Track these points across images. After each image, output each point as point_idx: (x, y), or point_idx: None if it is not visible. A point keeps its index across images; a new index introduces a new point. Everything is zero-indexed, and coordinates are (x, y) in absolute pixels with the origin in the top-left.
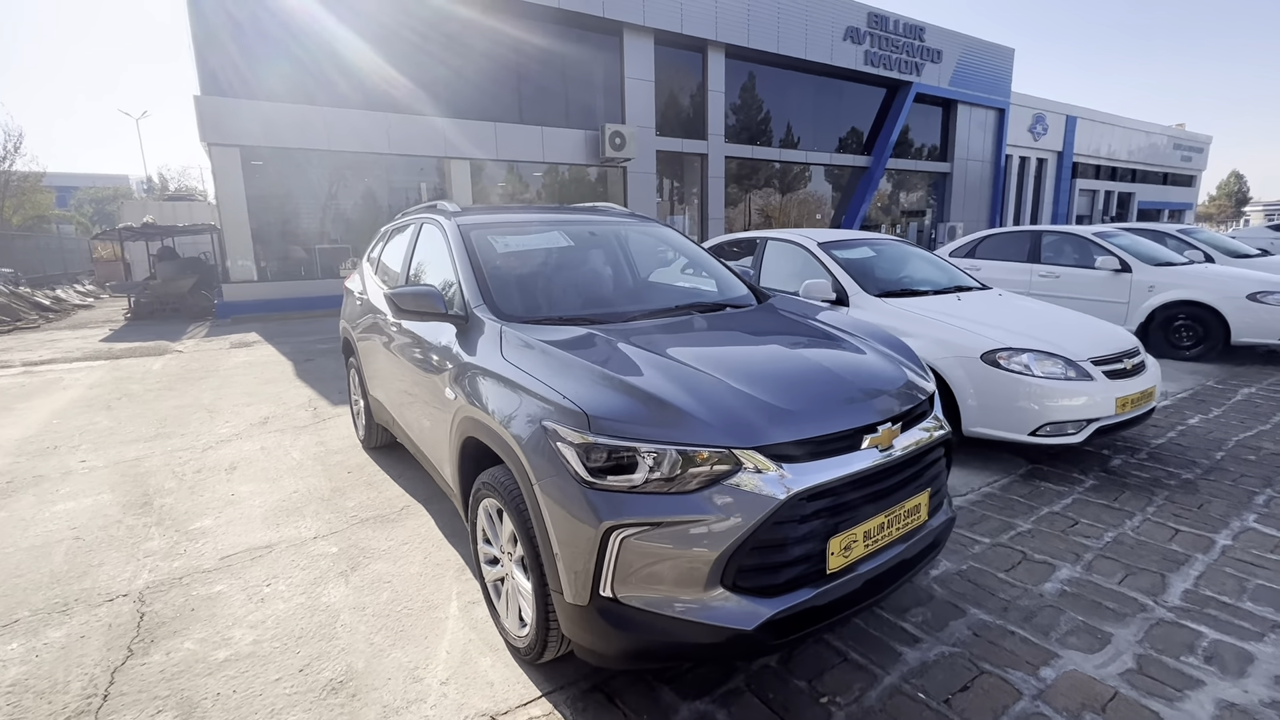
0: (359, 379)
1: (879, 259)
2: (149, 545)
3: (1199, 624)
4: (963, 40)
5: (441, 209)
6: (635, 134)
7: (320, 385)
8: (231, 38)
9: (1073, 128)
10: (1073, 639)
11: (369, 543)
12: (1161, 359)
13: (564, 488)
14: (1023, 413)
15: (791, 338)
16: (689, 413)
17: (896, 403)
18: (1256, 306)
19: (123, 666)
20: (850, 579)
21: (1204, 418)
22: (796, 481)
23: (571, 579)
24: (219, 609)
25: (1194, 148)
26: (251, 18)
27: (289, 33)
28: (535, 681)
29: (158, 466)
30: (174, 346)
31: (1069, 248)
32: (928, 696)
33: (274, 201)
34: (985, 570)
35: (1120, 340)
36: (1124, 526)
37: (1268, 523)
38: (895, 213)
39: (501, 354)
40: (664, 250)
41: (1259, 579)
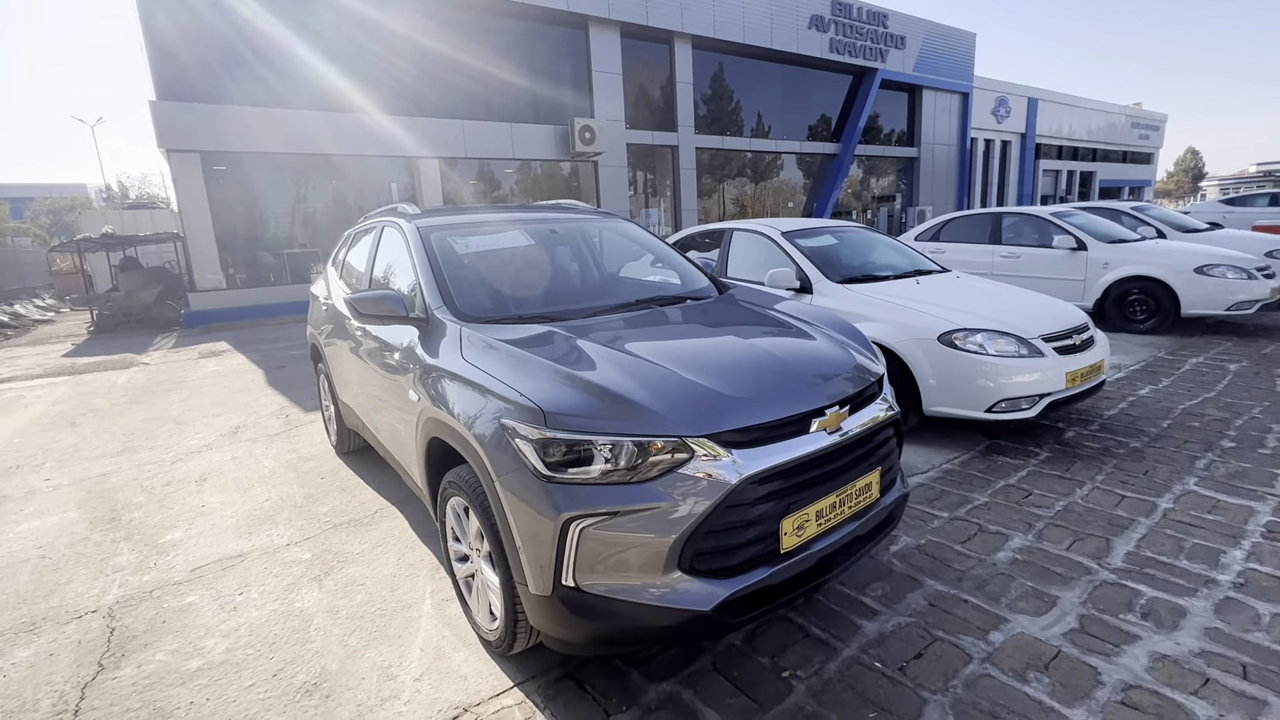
0: (328, 384)
1: (841, 246)
2: (118, 560)
3: (1138, 583)
4: (925, 26)
5: (402, 211)
6: (605, 128)
7: (292, 392)
8: (185, 41)
9: (1034, 109)
10: (1021, 604)
11: (342, 547)
12: (1117, 333)
13: (524, 483)
14: (979, 390)
15: (745, 328)
16: (642, 405)
17: (845, 386)
18: (1203, 279)
19: (93, 681)
20: (804, 557)
21: (1154, 388)
22: (747, 466)
23: (535, 571)
24: (191, 620)
25: (1151, 126)
26: (206, 20)
27: (246, 35)
28: (507, 673)
29: (125, 481)
30: (140, 359)
31: (1028, 228)
32: (884, 665)
33: (239, 207)
34: (943, 543)
35: (1070, 317)
36: (1074, 495)
37: (1206, 485)
38: (866, 198)
39: (462, 355)
40: (626, 245)
41: (1195, 538)
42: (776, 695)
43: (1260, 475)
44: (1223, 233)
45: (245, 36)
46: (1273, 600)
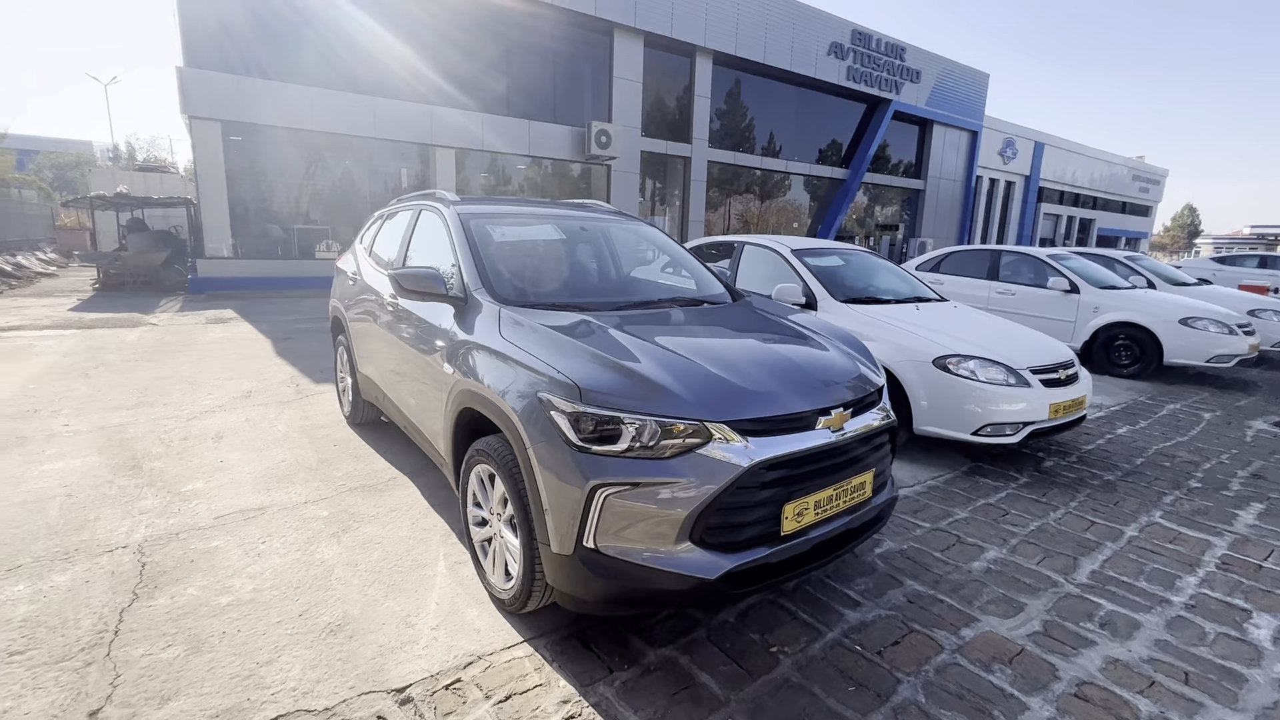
0: (348, 356)
1: (847, 268)
2: (143, 504)
3: (1099, 598)
4: (941, 63)
5: (440, 197)
6: (621, 133)
7: (301, 363)
8: (217, 12)
9: (1040, 154)
10: (992, 607)
11: (358, 509)
12: (1102, 375)
13: (555, 452)
14: (967, 414)
15: (762, 332)
16: (669, 389)
17: (849, 392)
18: (1187, 330)
19: (130, 608)
20: (801, 542)
21: (1131, 428)
22: (758, 453)
23: (559, 532)
24: (218, 561)
25: (1151, 179)
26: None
27: (276, 10)
28: (518, 629)
29: (143, 433)
30: (147, 319)
31: (1025, 267)
32: (863, 649)
33: (253, 178)
34: (924, 550)
35: (1057, 353)
36: (1048, 518)
37: (1170, 518)
38: (870, 225)
39: (500, 333)
40: (648, 248)
41: (1155, 564)
42: (765, 666)
43: (1221, 514)
44: (1210, 288)
45: (276, 12)
46: (1219, 622)
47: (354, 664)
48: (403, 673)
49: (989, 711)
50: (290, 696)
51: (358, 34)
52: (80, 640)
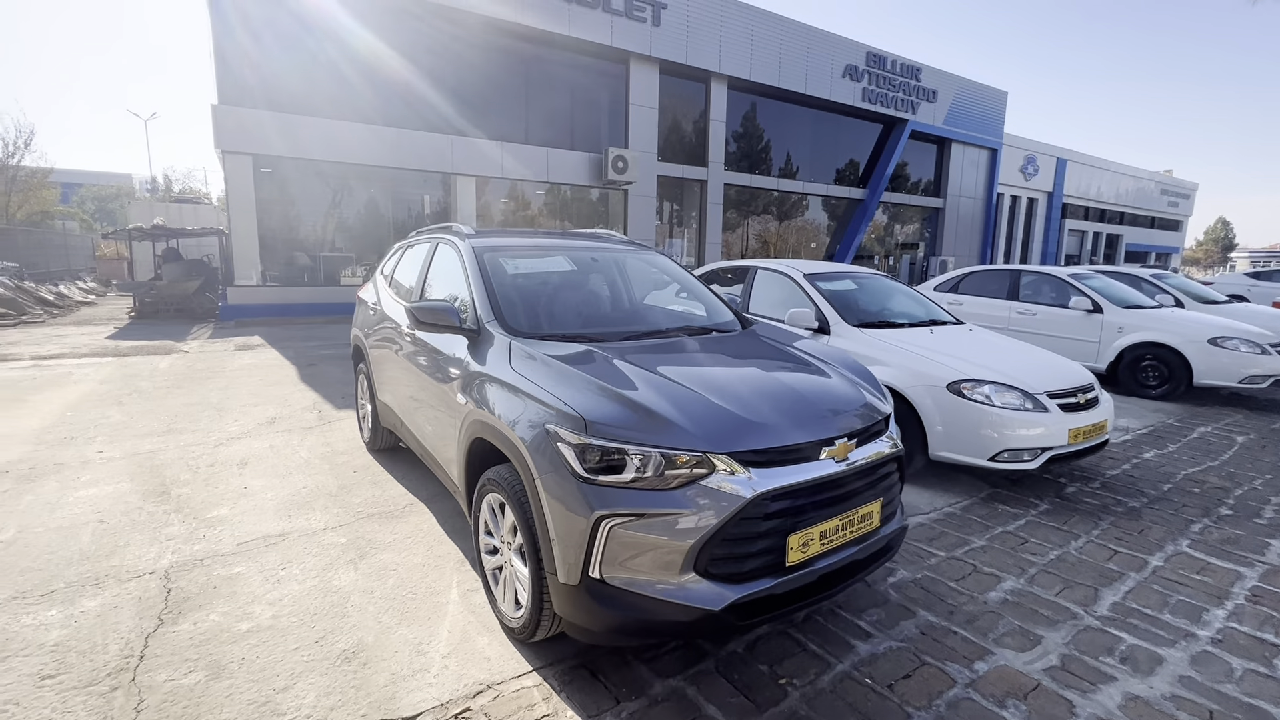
0: (368, 384)
1: (860, 292)
2: (170, 530)
3: (1121, 631)
4: (957, 82)
5: (456, 231)
6: (638, 158)
7: (325, 390)
8: (252, 50)
9: (1063, 169)
10: (1008, 639)
11: (375, 535)
12: (1129, 397)
13: (562, 483)
14: (984, 439)
15: (767, 361)
16: (673, 421)
17: (854, 421)
18: (1217, 350)
19: (155, 633)
20: (807, 573)
21: (1159, 452)
22: (761, 484)
23: (565, 562)
24: (239, 588)
25: (1181, 194)
26: (272, 32)
27: (307, 47)
28: (527, 658)
29: (172, 459)
30: (179, 346)
31: (1046, 287)
32: (874, 682)
33: (281, 208)
34: (938, 579)
35: (1077, 376)
36: (1069, 546)
37: (1198, 548)
38: (889, 244)
39: (510, 365)
40: (659, 276)
41: (1181, 595)
42: (773, 698)
43: (1252, 543)
44: (1242, 306)
45: (305, 50)
46: (1247, 657)
47: (367, 692)
48: (413, 701)
49: None
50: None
51: (381, 68)
52: (108, 665)
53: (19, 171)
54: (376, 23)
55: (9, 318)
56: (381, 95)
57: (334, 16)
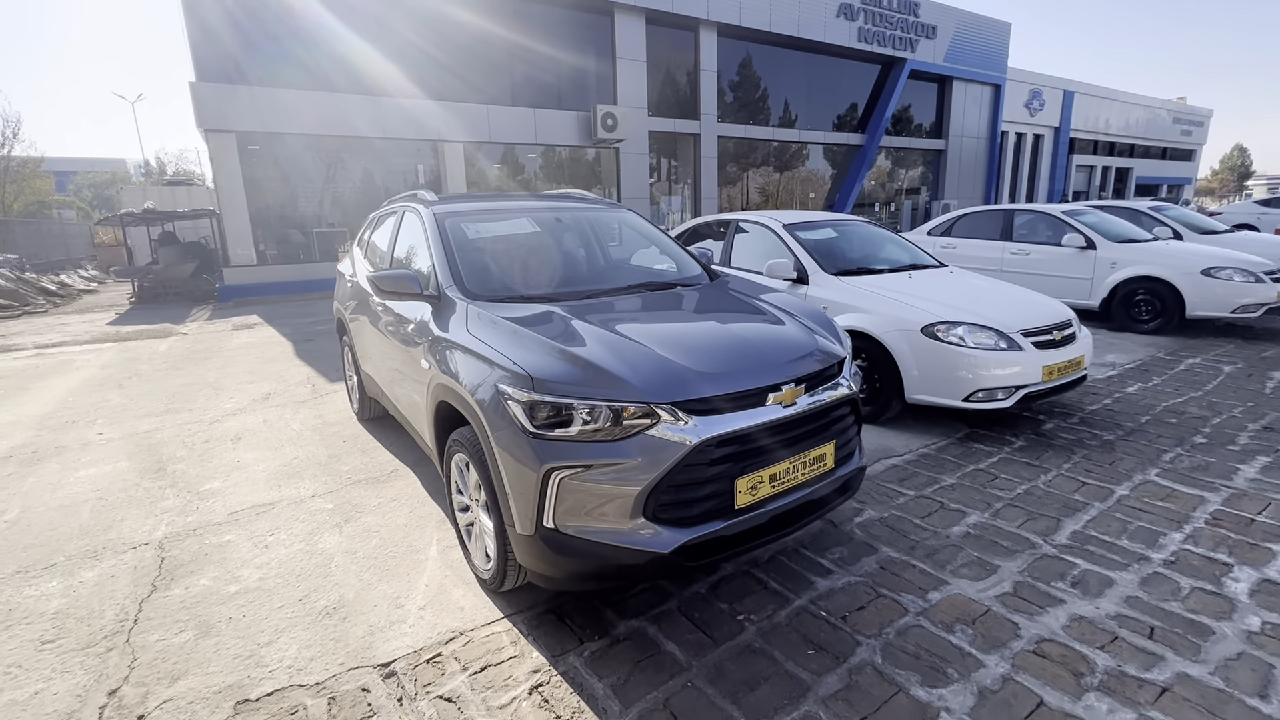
0: (352, 356)
1: (840, 240)
2: (165, 504)
3: (1076, 558)
4: (958, 15)
5: (421, 198)
6: (627, 115)
7: (319, 364)
8: (225, 24)
9: (1070, 103)
10: (965, 570)
11: (361, 500)
12: (1121, 333)
13: (513, 438)
14: (958, 380)
15: (725, 313)
16: (618, 375)
17: (804, 366)
18: (1210, 281)
19: (149, 599)
20: (757, 514)
21: (1143, 386)
22: (705, 430)
23: (521, 514)
24: (229, 554)
25: (1194, 121)
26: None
27: (281, 18)
28: (499, 607)
29: (169, 438)
30: (179, 329)
31: (1040, 225)
32: (828, 615)
33: (271, 186)
34: (904, 517)
35: (1053, 313)
36: (1037, 480)
37: (1167, 476)
38: (891, 190)
39: (467, 329)
40: (628, 234)
41: (1141, 521)
42: (730, 633)
43: (1221, 469)
44: (1243, 235)
45: (281, 20)
46: (1197, 577)
47: (345, 643)
48: (389, 649)
49: (944, 670)
50: (286, 673)
51: (359, 37)
52: (104, 629)
53: (10, 162)
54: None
55: (12, 309)
56: (363, 63)
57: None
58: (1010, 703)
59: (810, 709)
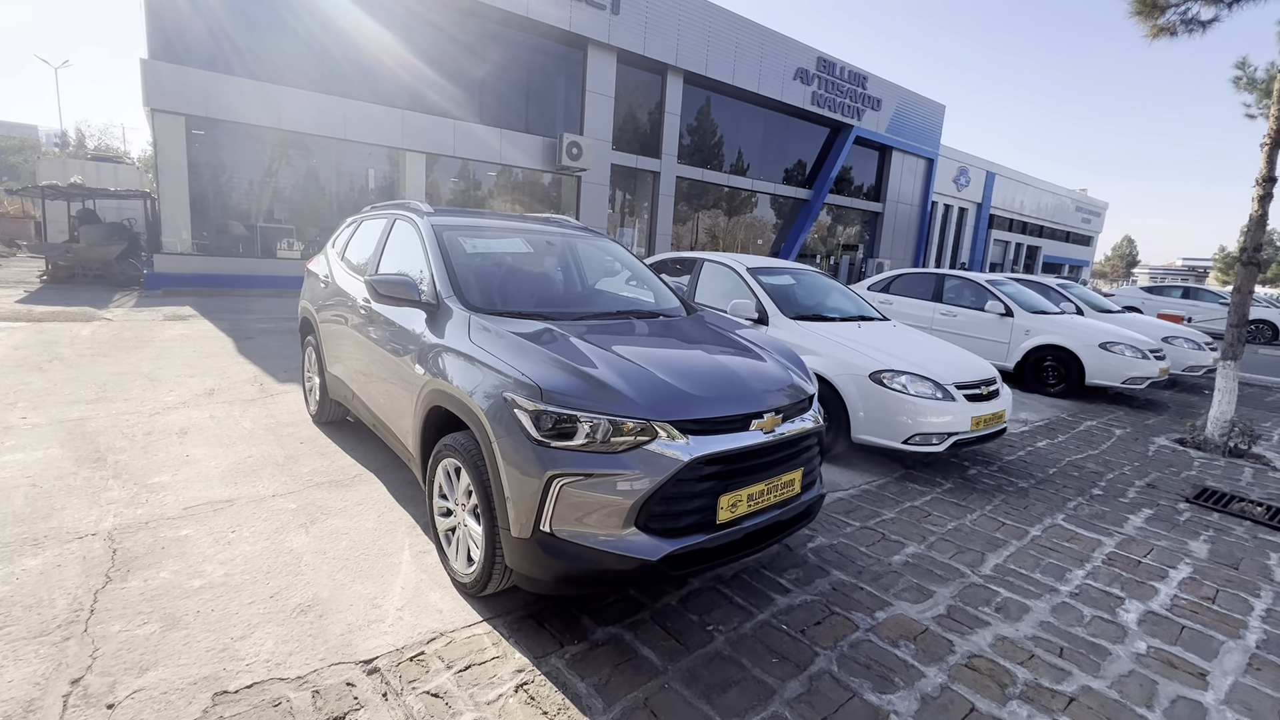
0: (317, 357)
1: (798, 287)
2: (110, 495)
3: (999, 587)
4: (900, 92)
5: (414, 208)
6: (592, 146)
7: (265, 363)
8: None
9: (991, 183)
10: (905, 594)
11: (325, 502)
12: (1032, 393)
13: (517, 446)
14: (899, 424)
15: (709, 344)
16: (621, 392)
17: (782, 398)
18: (1106, 354)
19: (104, 589)
20: (735, 530)
21: (1050, 442)
22: (697, 449)
23: (519, 517)
24: (188, 549)
25: (1093, 211)
26: None
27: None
28: (478, 610)
29: (105, 427)
30: (101, 314)
31: (966, 291)
32: (789, 628)
33: (215, 174)
34: (851, 545)
35: (981, 370)
36: (964, 519)
37: (1071, 520)
38: (832, 244)
39: (469, 337)
40: (611, 262)
41: (1051, 559)
42: (700, 642)
43: (1115, 517)
44: (1131, 316)
45: (246, 7)
46: (1096, 607)
47: (324, 639)
48: (370, 647)
49: (891, 679)
50: (265, 667)
51: (330, 34)
52: (57, 618)
53: None
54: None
55: None
56: (330, 63)
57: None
58: (948, 707)
59: (777, 709)
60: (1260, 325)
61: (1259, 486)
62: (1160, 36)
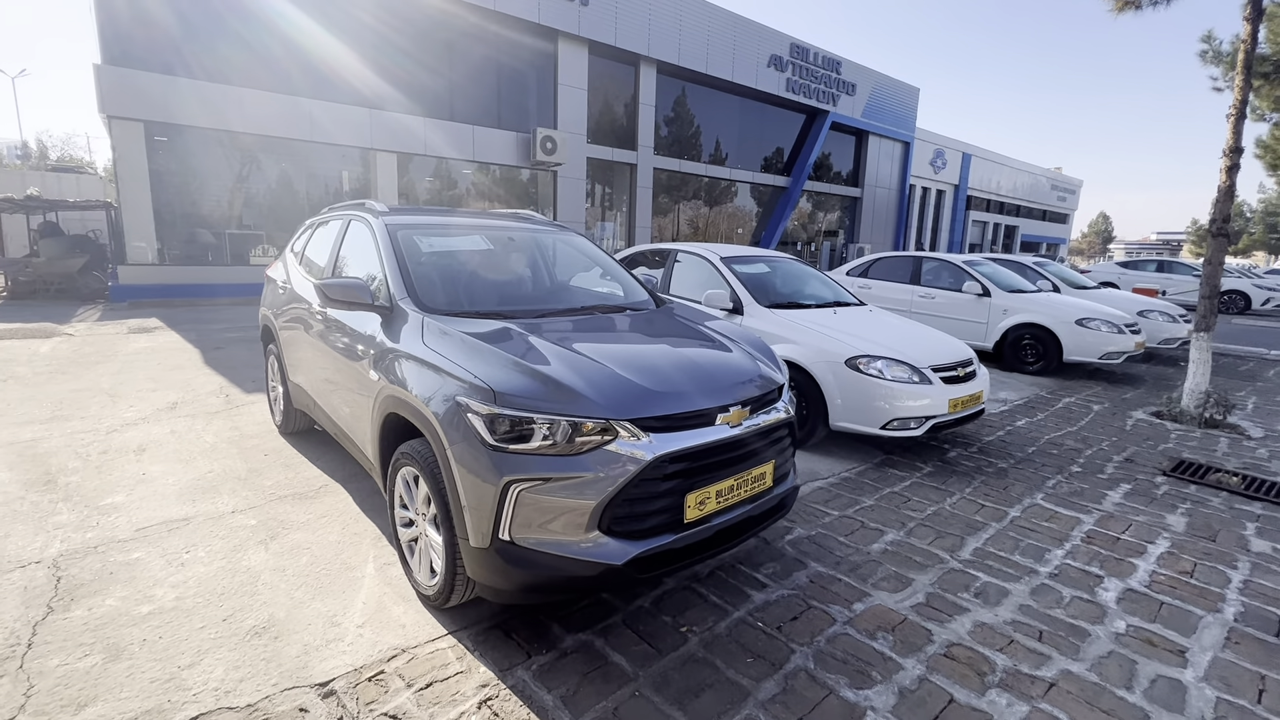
0: (279, 365)
1: (772, 275)
2: (58, 519)
3: (978, 571)
4: (875, 76)
5: (369, 208)
6: (567, 140)
7: (232, 373)
8: (140, 5)
9: (968, 165)
10: (884, 583)
11: (288, 516)
12: (1012, 372)
13: (472, 452)
14: (876, 410)
15: (675, 337)
16: (579, 391)
17: (749, 390)
18: (1083, 330)
19: (44, 621)
20: (704, 528)
21: (1029, 420)
22: (660, 447)
23: (477, 527)
24: (138, 573)
25: (1068, 189)
26: None
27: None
28: (443, 623)
29: (58, 447)
30: (63, 329)
31: (944, 273)
32: (765, 625)
33: (180, 181)
34: (830, 535)
35: (957, 352)
36: (944, 503)
37: (1050, 500)
38: (812, 230)
39: (423, 341)
40: (577, 257)
41: (1030, 540)
42: (673, 644)
43: (1094, 494)
44: (1107, 291)
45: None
46: (1076, 587)
47: (278, 663)
48: (326, 668)
49: (868, 673)
50: (212, 696)
51: (294, 34)
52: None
53: None
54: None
55: None
56: (294, 63)
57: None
58: (926, 700)
59: (751, 712)
60: (1233, 295)
61: (1234, 456)
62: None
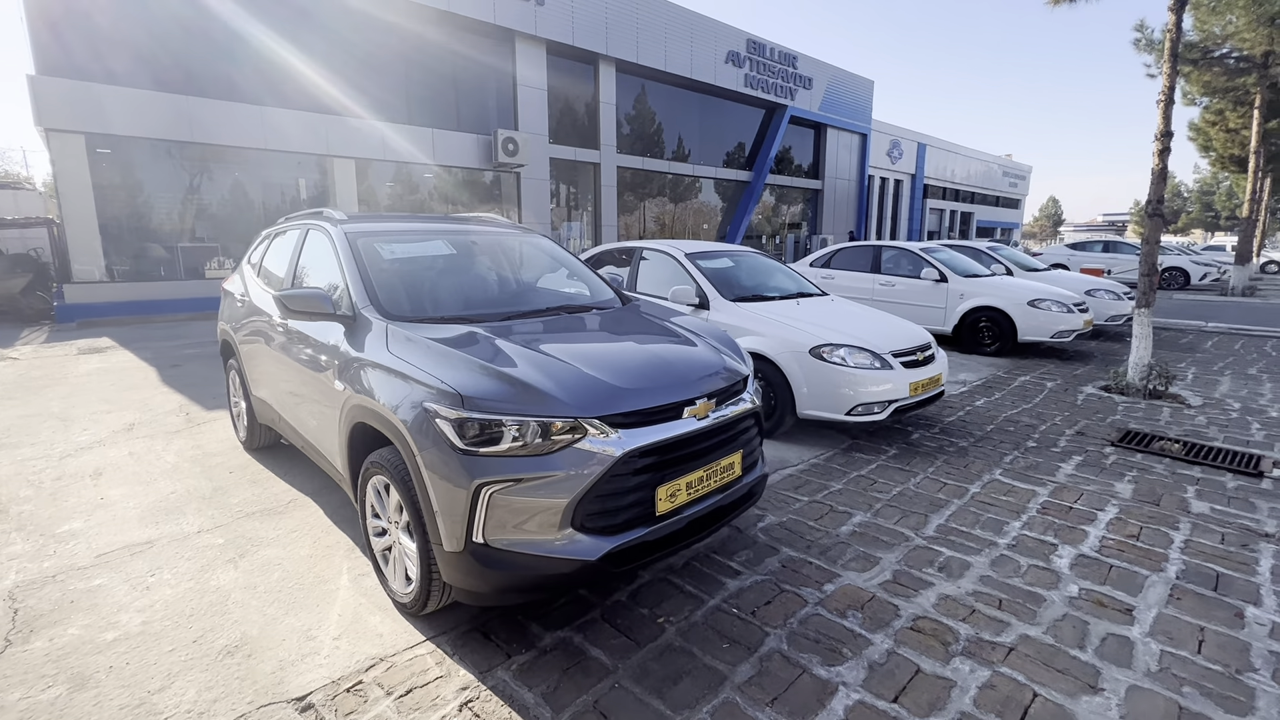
0: (240, 380)
1: (736, 269)
2: (11, 549)
3: (941, 547)
4: (830, 70)
5: (328, 216)
6: (528, 140)
7: (192, 391)
8: (72, 13)
9: (924, 154)
10: (853, 564)
11: (257, 533)
12: (970, 354)
13: (442, 457)
14: (841, 397)
15: (639, 334)
16: (546, 392)
17: (714, 383)
18: (1035, 311)
19: (2, 654)
20: (676, 520)
21: (987, 400)
22: (629, 442)
23: (450, 531)
24: (101, 599)
25: (1019, 175)
26: None
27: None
28: (420, 630)
29: (7, 476)
30: (6, 353)
31: (903, 260)
32: (739, 611)
33: (126, 194)
34: (800, 520)
35: (916, 336)
36: (908, 483)
37: (1007, 475)
38: (777, 224)
39: (388, 348)
40: (542, 258)
41: (990, 514)
42: (651, 635)
43: (1048, 467)
44: (1056, 273)
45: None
46: (1031, 556)
47: (253, 680)
48: (303, 682)
49: (840, 650)
50: (185, 718)
51: (241, 39)
52: None
53: None
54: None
55: None
56: (245, 69)
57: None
58: (894, 672)
59: (728, 696)
60: (1173, 272)
61: (1176, 424)
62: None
